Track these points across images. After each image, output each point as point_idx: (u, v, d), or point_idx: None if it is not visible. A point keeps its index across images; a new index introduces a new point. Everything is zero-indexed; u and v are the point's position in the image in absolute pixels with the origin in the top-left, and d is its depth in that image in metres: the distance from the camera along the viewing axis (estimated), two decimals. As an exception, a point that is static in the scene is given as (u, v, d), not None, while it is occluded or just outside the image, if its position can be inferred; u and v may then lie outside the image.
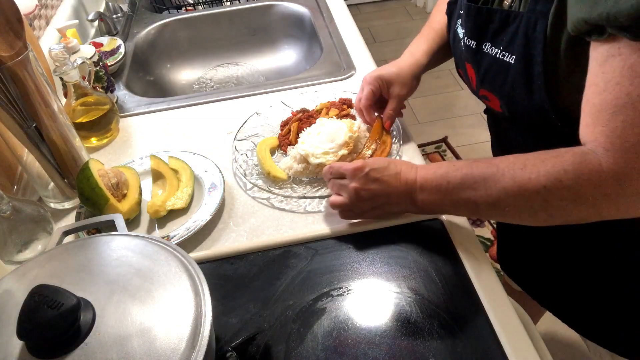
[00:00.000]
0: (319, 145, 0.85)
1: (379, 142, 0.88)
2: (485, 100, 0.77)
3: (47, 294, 0.45)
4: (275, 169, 0.87)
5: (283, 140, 0.95)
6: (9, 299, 0.51)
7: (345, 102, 1.00)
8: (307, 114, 0.97)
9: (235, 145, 0.95)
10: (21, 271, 0.54)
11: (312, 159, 0.84)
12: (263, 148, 0.92)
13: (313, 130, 0.89)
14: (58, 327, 0.45)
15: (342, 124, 0.88)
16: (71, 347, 0.45)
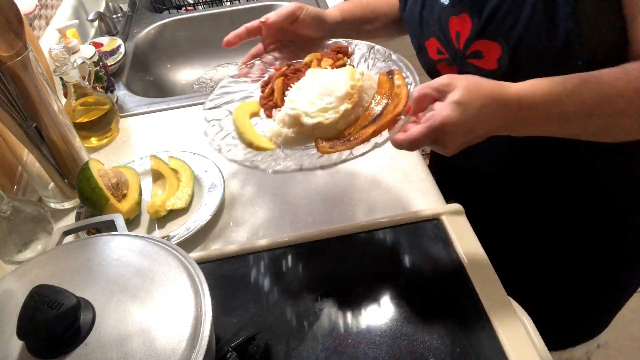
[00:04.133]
0: (314, 102, 0.66)
1: (391, 95, 0.68)
2: (473, 60, 0.72)
3: (47, 294, 0.45)
4: (259, 137, 0.69)
5: (266, 102, 0.75)
6: (9, 299, 0.51)
7: (340, 50, 0.80)
8: (294, 68, 0.78)
9: (205, 115, 0.74)
10: (21, 271, 0.54)
11: (306, 119, 0.65)
12: (241, 114, 0.73)
13: (304, 84, 0.70)
14: (58, 327, 0.45)
15: (340, 72, 0.70)
16: (71, 347, 0.45)
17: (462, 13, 0.70)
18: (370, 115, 0.66)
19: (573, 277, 0.84)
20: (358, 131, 0.64)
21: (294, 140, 0.66)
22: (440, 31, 0.75)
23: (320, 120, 0.64)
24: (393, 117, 0.62)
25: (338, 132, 0.65)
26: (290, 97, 0.69)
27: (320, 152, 0.63)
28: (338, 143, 0.64)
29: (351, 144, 0.63)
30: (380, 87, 0.70)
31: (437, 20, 0.75)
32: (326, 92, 0.67)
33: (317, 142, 0.65)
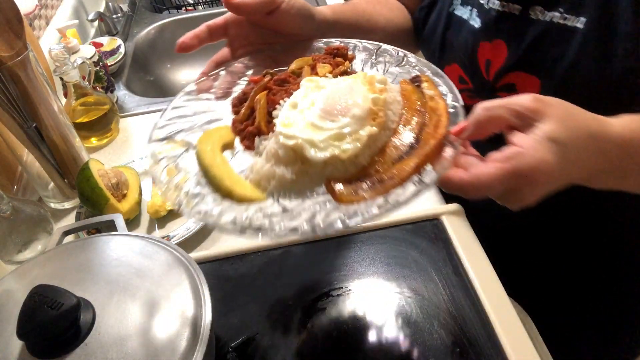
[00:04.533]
0: (321, 125, 0.47)
1: (425, 111, 0.49)
2: (504, 93, 0.63)
3: (47, 294, 0.45)
4: (241, 182, 0.48)
5: (243, 128, 0.54)
6: (9, 299, 0.51)
7: (337, 53, 0.61)
8: (279, 78, 0.57)
9: (152, 151, 0.51)
10: (21, 271, 0.54)
11: (313, 151, 0.45)
12: (208, 147, 0.51)
13: (300, 98, 0.51)
14: (58, 327, 0.45)
15: (351, 81, 0.51)
16: (71, 347, 0.46)
17: (497, 39, 0.61)
18: (402, 141, 0.47)
19: (576, 280, 0.84)
20: (390, 166, 0.45)
21: (295, 184, 0.46)
22: (465, 57, 0.66)
23: (334, 153, 0.44)
24: (437, 143, 0.44)
25: (360, 169, 0.45)
26: (283, 120, 0.49)
27: (339, 201, 0.43)
28: (364, 186, 0.44)
29: (385, 186, 0.43)
30: (407, 99, 0.50)
31: (463, 45, 0.66)
32: (338, 111, 0.48)
33: (330, 187, 0.44)
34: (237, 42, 0.64)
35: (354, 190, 0.44)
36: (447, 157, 0.43)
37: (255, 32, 0.64)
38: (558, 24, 0.55)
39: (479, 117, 0.43)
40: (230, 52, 0.64)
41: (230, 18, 0.63)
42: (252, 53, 0.64)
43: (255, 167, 0.49)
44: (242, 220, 0.44)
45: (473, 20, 0.65)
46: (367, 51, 0.62)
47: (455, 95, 0.49)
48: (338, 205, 0.44)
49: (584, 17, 0.53)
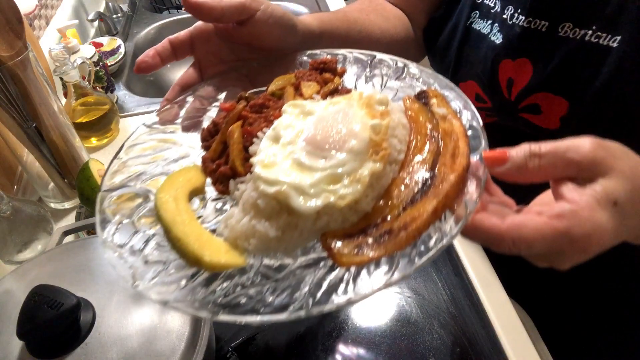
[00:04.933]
0: (310, 163, 0.37)
1: (438, 136, 0.39)
2: (527, 114, 0.58)
3: (47, 294, 0.45)
4: (213, 243, 0.38)
5: (215, 168, 0.44)
6: (9, 299, 0.51)
7: (324, 67, 0.52)
8: (256, 103, 0.47)
9: (102, 206, 0.42)
10: (21, 271, 0.54)
11: (301, 200, 0.36)
12: (171, 197, 0.41)
13: (283, 129, 0.41)
14: (58, 327, 0.45)
15: (347, 103, 0.42)
16: (71, 347, 0.46)
17: (521, 57, 0.57)
18: (414, 178, 0.37)
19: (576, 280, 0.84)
20: (401, 212, 0.35)
21: (281, 242, 0.37)
22: (484, 74, 0.62)
23: (329, 202, 0.35)
24: (459, 178, 0.35)
25: (363, 218, 0.36)
26: (263, 158, 0.39)
27: (338, 263, 0.34)
28: (369, 241, 0.34)
29: (397, 241, 0.33)
30: (415, 122, 0.41)
31: (481, 61, 0.62)
32: (330, 144, 0.38)
33: (326, 244, 0.35)
34: (205, 59, 0.55)
35: (357, 248, 0.34)
36: (473, 195, 0.34)
37: (227, 47, 0.55)
38: (590, 42, 0.51)
39: (524, 162, 0.35)
40: (198, 72, 0.55)
41: (196, 31, 0.54)
42: (223, 72, 0.55)
43: (231, 221, 0.39)
44: (214, 297, 0.35)
45: (494, 35, 0.61)
46: (360, 63, 0.53)
47: (473, 112, 0.40)
48: (337, 267, 0.35)
49: (619, 36, 0.49)
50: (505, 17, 0.59)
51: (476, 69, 0.63)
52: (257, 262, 0.38)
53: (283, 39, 0.55)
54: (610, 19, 0.50)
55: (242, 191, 0.40)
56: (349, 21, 0.66)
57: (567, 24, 0.53)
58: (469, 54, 0.65)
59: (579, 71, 0.53)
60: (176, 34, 0.54)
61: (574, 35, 0.52)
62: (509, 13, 0.58)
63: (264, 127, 0.43)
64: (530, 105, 0.57)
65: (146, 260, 0.38)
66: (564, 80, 0.54)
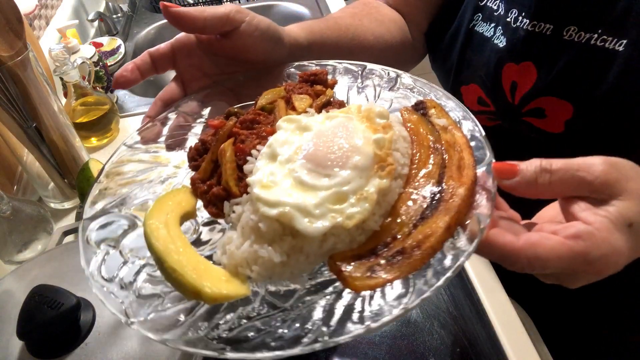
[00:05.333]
0: (312, 182, 0.36)
1: (442, 148, 0.38)
2: (530, 118, 0.58)
3: (47, 294, 0.45)
4: (211, 273, 0.35)
5: (206, 189, 0.41)
6: (9, 299, 0.51)
7: (314, 79, 0.50)
8: (246, 119, 0.45)
9: (86, 235, 0.39)
10: (21, 271, 0.54)
11: (306, 222, 0.34)
12: (162, 223, 0.37)
13: (279, 146, 0.39)
14: (58, 327, 0.45)
15: (346, 117, 0.40)
16: (71, 347, 0.46)
17: (525, 61, 0.57)
18: (421, 193, 0.36)
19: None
20: (412, 230, 0.33)
21: (286, 267, 0.35)
22: (487, 78, 0.61)
23: (337, 222, 0.33)
24: (469, 191, 0.34)
25: (371, 237, 0.35)
26: (261, 179, 0.36)
27: (351, 288, 0.32)
28: (381, 263, 0.32)
29: (411, 261, 0.32)
30: (416, 134, 0.40)
31: (484, 64, 0.62)
32: (333, 161, 0.36)
33: (335, 268, 0.33)
34: (188, 73, 0.53)
35: (369, 270, 0.32)
36: (484, 209, 0.33)
37: (210, 60, 0.53)
38: (595, 46, 0.51)
39: (534, 177, 0.35)
40: (181, 87, 0.53)
41: (178, 44, 0.52)
42: (207, 87, 0.53)
43: (230, 247, 0.36)
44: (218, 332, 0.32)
45: (497, 38, 0.60)
46: (350, 74, 0.51)
47: (474, 122, 0.40)
48: (348, 293, 0.33)
49: (625, 40, 0.49)
50: (509, 20, 0.59)
51: (479, 72, 0.62)
52: (261, 290, 0.35)
53: (269, 52, 0.53)
54: (616, 23, 0.49)
55: (239, 214, 0.37)
56: (340, 29, 0.64)
57: (572, 27, 0.52)
58: (471, 57, 0.64)
59: (584, 75, 0.52)
60: (157, 46, 0.52)
61: (579, 38, 0.52)
62: (512, 16, 0.58)
63: (258, 145, 0.41)
64: (535, 109, 0.57)
65: (139, 293, 0.35)
66: (569, 84, 0.54)
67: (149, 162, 0.46)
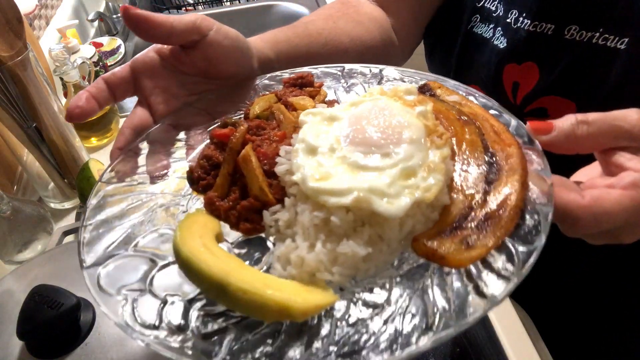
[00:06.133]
0: (372, 163, 0.34)
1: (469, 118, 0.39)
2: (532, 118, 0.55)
3: (47, 294, 0.45)
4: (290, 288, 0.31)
5: (228, 207, 0.37)
6: (9, 299, 0.51)
7: (302, 82, 0.49)
8: (251, 126, 0.42)
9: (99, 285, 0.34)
10: (21, 271, 0.54)
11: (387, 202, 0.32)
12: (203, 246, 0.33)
13: (314, 138, 0.37)
14: (58, 327, 0.45)
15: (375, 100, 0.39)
16: (71, 347, 0.45)
17: (527, 61, 0.56)
18: (473, 161, 0.35)
19: (577, 280, 0.84)
20: (485, 198, 0.33)
21: (371, 260, 0.32)
22: (488, 79, 0.61)
23: (417, 197, 0.32)
24: (521, 151, 0.34)
25: (443, 215, 0.33)
26: (311, 173, 0.34)
27: (454, 264, 0.30)
28: (473, 232, 0.31)
29: (504, 224, 0.31)
30: (440, 112, 0.40)
31: (484, 66, 0.61)
32: (385, 139, 0.34)
33: (427, 250, 0.31)
34: (154, 97, 0.48)
35: (464, 243, 0.30)
36: (540, 165, 0.33)
37: (177, 80, 0.48)
38: (597, 44, 0.51)
39: (573, 130, 0.35)
40: (148, 112, 0.48)
41: (138, 65, 0.47)
42: (177, 109, 0.48)
43: (297, 255, 0.32)
44: (334, 349, 0.28)
45: (497, 39, 0.60)
46: (330, 76, 0.50)
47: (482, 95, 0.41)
48: (448, 271, 0.30)
49: (627, 38, 0.48)
50: (509, 21, 0.58)
51: (479, 73, 0.62)
52: (346, 293, 0.32)
53: (240, 62, 0.50)
54: (618, 21, 0.49)
55: (288, 220, 0.34)
56: (311, 35, 0.61)
57: (574, 26, 0.52)
58: (471, 59, 0.64)
59: (586, 74, 0.52)
60: (113, 70, 0.47)
61: (581, 37, 0.52)
62: (512, 17, 0.57)
63: (278, 146, 0.38)
64: (537, 109, 0.57)
65: (200, 333, 0.30)
66: (572, 83, 0.54)
67: (137, 194, 0.41)
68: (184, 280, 0.32)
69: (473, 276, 0.30)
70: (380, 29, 0.70)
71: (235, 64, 0.49)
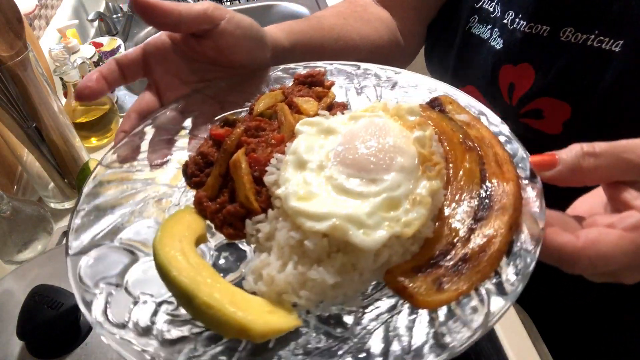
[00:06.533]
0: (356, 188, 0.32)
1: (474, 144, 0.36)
2: (528, 120, 0.57)
3: (47, 294, 0.45)
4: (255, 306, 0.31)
5: (215, 209, 0.37)
6: (9, 299, 0.51)
7: (312, 81, 0.47)
8: (249, 126, 0.41)
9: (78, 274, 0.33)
10: (21, 271, 0.54)
11: (363, 233, 0.30)
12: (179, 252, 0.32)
13: (305, 152, 0.35)
14: (58, 327, 0.45)
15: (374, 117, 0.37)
16: (71, 347, 0.45)
17: (523, 63, 0.56)
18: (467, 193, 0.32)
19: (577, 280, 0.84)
20: (468, 236, 0.31)
21: (339, 288, 0.31)
22: (484, 80, 0.61)
23: (395, 231, 0.30)
24: (517, 188, 0.32)
25: (425, 247, 0.32)
26: (295, 190, 0.32)
27: (421, 305, 0.29)
28: (448, 274, 0.29)
29: (482, 269, 0.29)
30: (443, 132, 0.37)
31: (481, 66, 0.61)
32: (375, 163, 0.32)
33: (398, 285, 0.30)
34: (163, 82, 0.48)
35: (437, 283, 0.29)
36: (535, 206, 0.31)
37: (188, 66, 0.48)
38: (592, 47, 0.50)
39: (579, 164, 0.32)
40: (157, 97, 0.48)
41: (150, 48, 0.48)
42: (186, 95, 0.48)
43: (267, 272, 0.31)
44: None
45: (494, 40, 0.60)
46: (344, 74, 0.48)
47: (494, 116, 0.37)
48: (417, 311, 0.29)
49: (622, 40, 0.48)
50: (506, 22, 0.58)
51: (476, 74, 0.62)
52: (309, 317, 0.31)
53: (252, 52, 0.49)
54: (613, 23, 0.49)
55: (268, 232, 0.33)
56: (324, 29, 0.61)
57: (569, 28, 0.52)
58: (468, 60, 0.64)
59: (582, 76, 0.52)
60: (125, 52, 0.47)
61: (576, 40, 0.52)
62: (509, 18, 0.57)
63: (272, 154, 0.37)
64: (533, 110, 0.57)
65: (162, 338, 0.30)
66: (567, 85, 0.54)
67: (133, 183, 0.40)
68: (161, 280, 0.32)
69: (437, 322, 0.28)
70: (387, 29, 0.71)
71: (247, 54, 0.49)
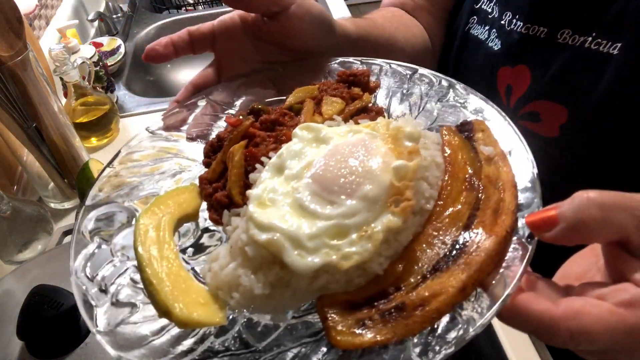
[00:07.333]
0: (314, 208, 0.31)
1: (479, 184, 0.32)
2: (526, 122, 0.56)
3: (47, 294, 0.45)
4: (192, 294, 0.32)
5: (211, 192, 0.38)
6: (9, 299, 0.51)
7: (353, 81, 0.46)
8: (267, 118, 0.41)
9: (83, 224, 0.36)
10: (21, 271, 0.54)
11: (298, 255, 0.30)
12: (155, 225, 0.34)
13: (290, 157, 0.35)
14: (58, 327, 0.45)
15: (369, 135, 0.35)
16: (71, 347, 0.46)
17: (520, 65, 0.56)
18: (442, 238, 0.30)
19: None
20: (419, 284, 0.28)
21: (269, 301, 0.31)
22: (482, 81, 0.61)
23: (328, 261, 0.29)
24: (500, 244, 0.28)
25: (372, 281, 0.30)
26: (260, 194, 0.33)
27: (333, 342, 0.28)
28: (375, 318, 0.28)
29: (410, 324, 0.27)
30: (453, 162, 0.33)
31: (479, 68, 0.61)
32: (341, 186, 0.31)
33: (322, 314, 0.29)
34: (226, 58, 0.50)
35: (358, 324, 0.27)
36: (514, 270, 0.27)
37: (253, 46, 0.50)
38: (590, 49, 0.50)
39: (586, 217, 0.27)
40: (216, 73, 0.51)
41: (220, 26, 0.50)
42: (245, 75, 0.49)
43: (214, 265, 0.32)
44: None
45: (492, 41, 0.60)
46: (398, 76, 0.46)
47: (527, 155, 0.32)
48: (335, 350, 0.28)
49: (620, 43, 0.47)
50: (504, 23, 0.58)
51: (474, 75, 0.62)
52: (241, 320, 0.32)
53: (318, 39, 0.50)
54: (611, 26, 0.48)
55: (235, 227, 0.34)
56: (378, 28, 0.62)
57: (567, 30, 0.52)
58: (467, 60, 0.64)
59: (578, 79, 0.52)
60: (197, 25, 0.49)
61: (574, 42, 0.51)
62: (507, 19, 0.57)
63: (271, 150, 0.37)
64: (530, 112, 0.56)
65: (116, 299, 0.32)
66: (564, 88, 0.53)
67: (165, 151, 0.43)
68: None
69: None
70: (422, 35, 0.71)
71: (312, 40, 0.49)
